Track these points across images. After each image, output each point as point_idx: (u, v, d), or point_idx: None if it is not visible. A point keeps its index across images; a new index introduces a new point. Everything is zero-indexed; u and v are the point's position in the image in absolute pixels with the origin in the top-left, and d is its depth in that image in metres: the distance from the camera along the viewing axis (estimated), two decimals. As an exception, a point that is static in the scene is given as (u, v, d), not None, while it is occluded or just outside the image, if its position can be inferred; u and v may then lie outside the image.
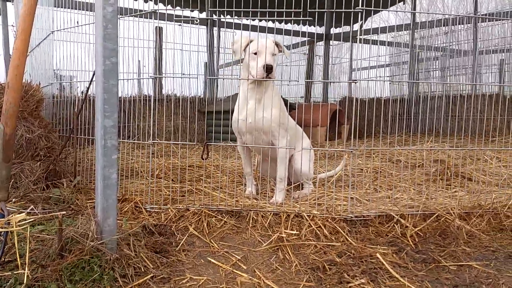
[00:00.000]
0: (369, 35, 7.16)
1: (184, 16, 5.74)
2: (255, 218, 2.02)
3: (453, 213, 2.11)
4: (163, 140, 4.44)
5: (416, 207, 2.17)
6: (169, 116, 5.08)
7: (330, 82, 7.55)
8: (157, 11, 2.18)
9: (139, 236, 1.66)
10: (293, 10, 2.11)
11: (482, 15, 6.53)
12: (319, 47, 7.68)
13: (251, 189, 2.50)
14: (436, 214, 2.10)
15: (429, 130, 6.25)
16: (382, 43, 7.68)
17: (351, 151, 2.15)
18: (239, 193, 2.48)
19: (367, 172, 3.11)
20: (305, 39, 6.93)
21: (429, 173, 3.05)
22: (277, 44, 2.30)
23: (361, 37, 7.12)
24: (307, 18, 2.05)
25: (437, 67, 7.23)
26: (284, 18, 2.10)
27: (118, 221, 1.65)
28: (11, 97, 1.53)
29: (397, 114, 6.62)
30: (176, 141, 4.50)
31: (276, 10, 2.14)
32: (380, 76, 7.09)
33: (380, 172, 3.03)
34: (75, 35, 3.01)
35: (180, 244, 1.73)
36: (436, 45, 7.19)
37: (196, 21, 2.65)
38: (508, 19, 5.95)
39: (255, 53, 2.22)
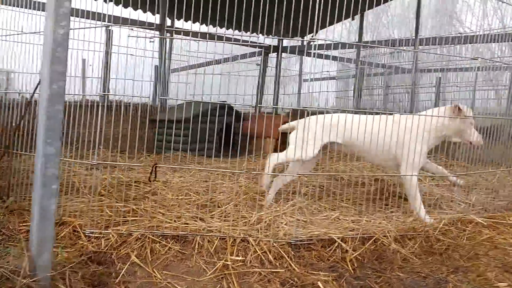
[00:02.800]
0: (321, 50, 7.38)
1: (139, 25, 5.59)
2: (201, 243, 2.01)
3: (389, 236, 2.24)
4: (108, 150, 4.27)
5: (356, 230, 2.27)
6: (117, 123, 4.91)
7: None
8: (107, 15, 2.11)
9: (76, 267, 1.59)
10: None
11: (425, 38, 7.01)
12: (272, 58, 7.81)
13: None
14: (374, 238, 2.21)
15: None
16: (334, 58, 7.97)
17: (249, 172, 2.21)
18: (186, 213, 2.45)
19: (312, 191, 3.20)
20: (256, 50, 7.02)
21: (369, 192, 3.20)
22: None
23: (310, 51, 7.32)
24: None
25: (381, 84, 7.61)
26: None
27: (54, 250, 1.57)
28: None
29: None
30: (123, 150, 4.35)
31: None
32: (328, 91, 7.35)
33: (325, 191, 3.13)
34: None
35: (121, 275, 1.68)
36: (381, 63, 7.60)
37: (152, 40, 2.59)
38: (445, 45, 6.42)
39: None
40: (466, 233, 2.38)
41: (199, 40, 2.36)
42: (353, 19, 9.34)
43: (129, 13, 6.75)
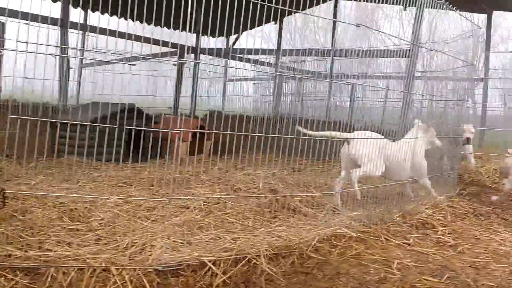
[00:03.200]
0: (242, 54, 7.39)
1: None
2: (55, 275, 1.86)
3: (263, 255, 2.26)
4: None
5: (232, 250, 2.27)
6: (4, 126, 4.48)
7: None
8: None
9: None
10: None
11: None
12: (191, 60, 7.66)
13: None
14: (248, 258, 2.22)
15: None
16: (255, 61, 8.01)
17: (169, 201, 2.14)
18: (46, 239, 2.25)
19: (206, 204, 3.16)
20: (171, 49, 6.83)
21: (262, 204, 3.24)
22: None
23: (234, 54, 7.29)
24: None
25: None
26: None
27: None
28: None
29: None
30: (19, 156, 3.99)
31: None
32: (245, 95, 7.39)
33: (214, 205, 3.10)
34: None
35: None
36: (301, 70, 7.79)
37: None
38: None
39: None
40: (337, 248, 2.49)
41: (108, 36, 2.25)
42: (275, 23, 9.50)
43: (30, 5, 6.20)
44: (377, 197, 3.55)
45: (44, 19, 5.04)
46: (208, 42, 8.24)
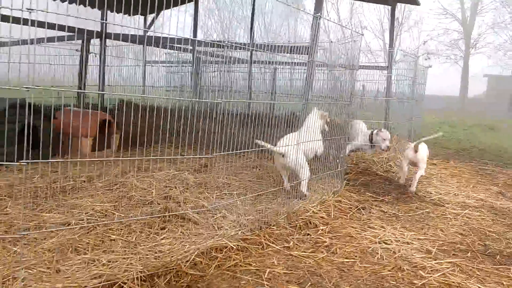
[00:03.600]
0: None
1: None
2: None
3: (136, 278, 2.27)
4: None
5: (102, 276, 2.24)
6: None
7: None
8: None
9: None
10: None
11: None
12: (95, 46, 7.19)
13: None
14: (119, 283, 2.21)
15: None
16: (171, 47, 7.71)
17: (23, 236, 2.04)
18: None
19: (90, 218, 3.06)
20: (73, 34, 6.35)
21: (154, 212, 3.22)
22: None
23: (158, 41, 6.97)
24: None
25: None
26: None
27: None
28: None
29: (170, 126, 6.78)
30: None
31: None
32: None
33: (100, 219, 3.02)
34: None
35: None
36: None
37: None
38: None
39: None
40: (216, 261, 2.57)
41: None
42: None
43: None
44: (266, 199, 3.70)
45: None
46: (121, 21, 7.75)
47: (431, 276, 2.59)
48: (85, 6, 6.79)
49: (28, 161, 2.20)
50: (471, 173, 5.98)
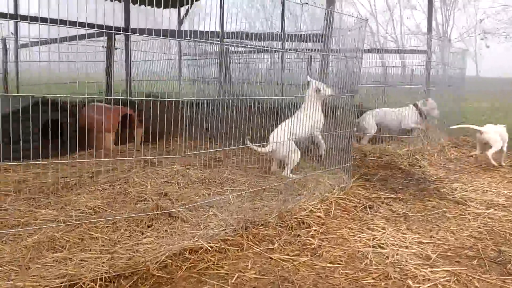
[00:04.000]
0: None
1: None
2: None
3: (100, 279, 2.27)
4: None
5: (65, 276, 2.25)
6: None
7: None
8: None
9: None
10: None
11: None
12: (120, 42, 7.37)
13: None
14: (80, 284, 2.21)
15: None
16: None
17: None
18: None
19: (80, 215, 3.12)
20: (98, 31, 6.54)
21: (144, 210, 3.22)
22: None
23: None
24: None
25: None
26: None
27: None
28: None
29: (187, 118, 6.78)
30: None
31: None
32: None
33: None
34: None
35: None
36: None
37: None
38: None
39: None
40: (188, 263, 2.51)
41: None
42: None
43: None
44: (259, 198, 3.58)
45: None
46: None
47: (419, 287, 2.35)
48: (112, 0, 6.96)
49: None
50: (511, 166, 5.40)
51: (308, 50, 5.86)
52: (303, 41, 5.38)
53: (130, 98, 6.19)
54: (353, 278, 2.44)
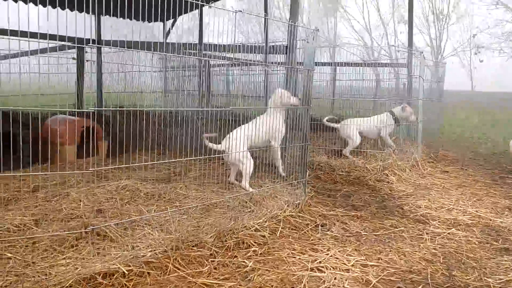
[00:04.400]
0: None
1: None
2: None
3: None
4: None
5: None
6: None
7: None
8: None
9: None
10: None
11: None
12: (91, 54, 7.23)
13: None
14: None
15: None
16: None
17: None
18: None
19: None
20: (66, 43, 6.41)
21: (75, 228, 3.00)
22: None
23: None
24: None
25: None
26: None
27: None
28: None
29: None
30: None
31: None
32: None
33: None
34: None
35: None
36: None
37: None
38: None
39: None
40: (99, 288, 2.29)
41: None
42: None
43: None
44: (207, 215, 3.36)
45: None
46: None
47: (347, 317, 2.13)
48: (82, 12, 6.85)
49: None
50: (486, 183, 5.19)
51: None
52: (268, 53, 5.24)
53: (93, 109, 6.00)
54: (277, 306, 2.22)
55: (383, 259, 2.88)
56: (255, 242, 2.99)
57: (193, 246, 2.83)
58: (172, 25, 11.12)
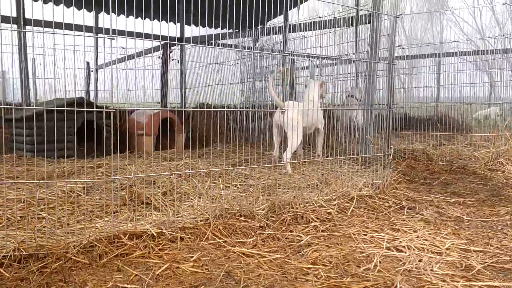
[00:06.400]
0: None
1: None
2: None
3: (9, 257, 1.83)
4: None
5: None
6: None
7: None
8: None
9: None
10: None
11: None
12: (176, 51, 7.38)
13: None
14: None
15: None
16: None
17: None
18: None
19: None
20: (158, 42, 6.61)
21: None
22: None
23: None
24: None
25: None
26: None
27: None
28: None
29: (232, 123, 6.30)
30: None
31: None
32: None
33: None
34: None
35: None
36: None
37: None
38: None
39: None
40: (121, 249, 1.95)
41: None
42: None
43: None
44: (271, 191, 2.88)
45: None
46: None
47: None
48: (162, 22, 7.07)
49: None
50: None
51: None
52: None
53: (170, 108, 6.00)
54: (329, 285, 1.63)
55: (494, 245, 2.08)
56: (317, 218, 2.42)
57: (239, 216, 2.37)
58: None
